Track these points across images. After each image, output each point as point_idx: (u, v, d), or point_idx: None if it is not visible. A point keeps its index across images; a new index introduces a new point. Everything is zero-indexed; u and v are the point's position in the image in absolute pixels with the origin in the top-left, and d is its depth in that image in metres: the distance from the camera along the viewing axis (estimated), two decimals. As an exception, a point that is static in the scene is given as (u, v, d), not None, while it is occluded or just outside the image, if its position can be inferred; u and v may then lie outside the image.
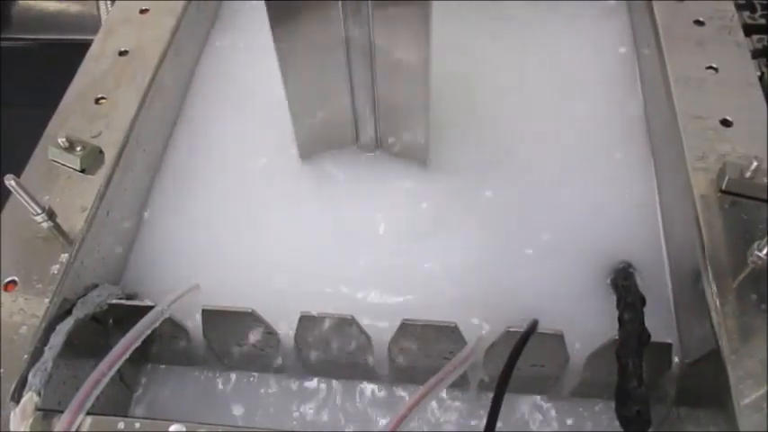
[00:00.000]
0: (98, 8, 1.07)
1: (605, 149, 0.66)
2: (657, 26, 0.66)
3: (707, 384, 0.48)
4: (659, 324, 0.54)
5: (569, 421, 0.55)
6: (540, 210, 0.62)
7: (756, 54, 0.87)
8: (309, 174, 0.66)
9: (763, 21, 0.90)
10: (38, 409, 0.45)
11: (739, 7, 0.89)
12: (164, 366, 0.59)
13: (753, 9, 0.91)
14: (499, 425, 0.45)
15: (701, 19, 0.66)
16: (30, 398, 0.44)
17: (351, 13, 0.55)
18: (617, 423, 0.46)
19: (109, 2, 1.04)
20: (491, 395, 0.46)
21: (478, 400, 0.56)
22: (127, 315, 0.52)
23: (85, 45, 0.68)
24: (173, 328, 0.54)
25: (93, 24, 1.17)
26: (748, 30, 0.89)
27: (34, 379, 0.45)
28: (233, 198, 0.65)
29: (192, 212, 0.64)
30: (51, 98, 0.65)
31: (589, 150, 0.67)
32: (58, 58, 1.12)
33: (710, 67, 0.62)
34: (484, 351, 0.52)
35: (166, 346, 0.56)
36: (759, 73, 0.84)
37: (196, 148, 0.69)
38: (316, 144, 0.66)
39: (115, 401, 0.55)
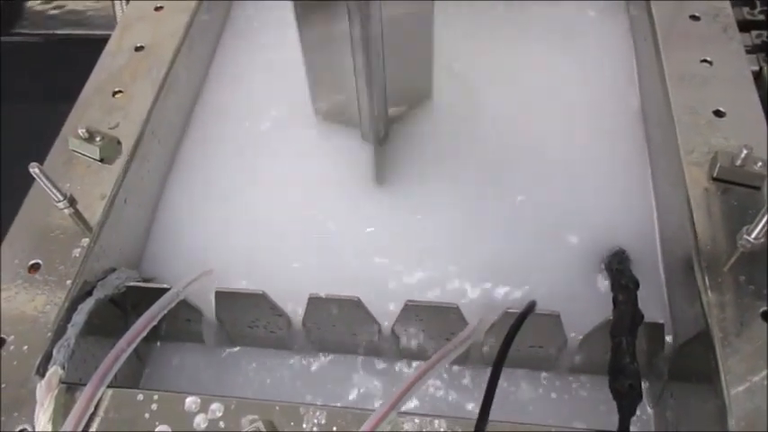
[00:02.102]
0: (113, 8, 1.09)
1: (603, 139, 0.69)
2: (654, 21, 0.68)
3: (698, 363, 0.50)
4: (652, 307, 0.57)
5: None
6: (539, 198, 0.65)
7: (756, 49, 0.88)
8: (327, 164, 0.69)
9: (762, 17, 0.92)
10: (62, 382, 0.47)
11: (739, 3, 0.91)
12: (172, 343, 0.61)
13: (752, 5, 0.92)
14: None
15: (696, 14, 0.68)
16: (54, 371, 0.47)
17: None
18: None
19: (124, 1, 1.07)
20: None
21: (480, 376, 0.58)
22: (144, 297, 0.55)
23: (92, 40, 0.71)
24: (187, 310, 0.56)
25: (99, 21, 1.20)
26: (748, 25, 0.90)
27: (58, 354, 0.48)
28: (246, 188, 0.68)
29: (207, 201, 0.67)
30: (61, 93, 0.68)
31: (587, 140, 0.69)
32: (66, 53, 1.15)
33: (705, 61, 0.64)
34: (484, 332, 0.54)
35: (180, 327, 0.59)
36: (758, 68, 0.86)
37: (210, 140, 0.72)
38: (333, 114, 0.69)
39: (127, 377, 0.57)
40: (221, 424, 0.46)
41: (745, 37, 0.88)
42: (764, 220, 0.49)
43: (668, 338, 0.55)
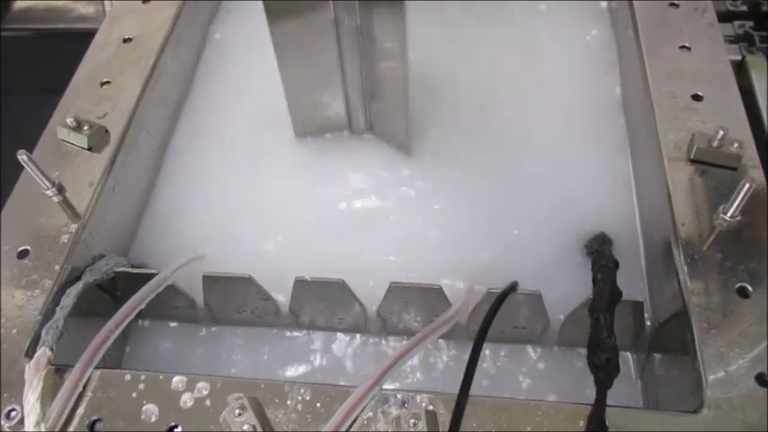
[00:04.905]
0: (104, 7, 1.10)
1: (585, 124, 0.70)
2: (634, 8, 0.70)
3: (676, 339, 0.51)
4: (633, 288, 0.58)
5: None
6: (523, 180, 0.66)
7: (738, 39, 0.90)
8: (307, 151, 0.70)
9: (744, 8, 0.93)
10: (50, 363, 0.48)
11: (723, -5, 0.92)
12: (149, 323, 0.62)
13: (735, -4, 0.94)
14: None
15: (675, 2, 0.70)
16: (43, 352, 0.47)
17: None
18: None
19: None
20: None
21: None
22: (132, 283, 0.55)
23: (80, 34, 0.71)
24: (175, 295, 0.57)
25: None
26: (730, 16, 0.92)
27: (47, 336, 0.49)
28: (234, 177, 0.69)
29: (196, 191, 0.68)
30: (51, 86, 0.69)
31: (569, 124, 0.70)
32: (55, 47, 1.16)
33: (683, 47, 0.65)
34: (468, 313, 0.55)
35: (168, 311, 0.59)
36: (740, 57, 0.88)
37: (199, 131, 0.73)
38: (311, 124, 0.70)
39: (110, 357, 0.56)
40: (207, 402, 0.46)
41: (728, 27, 0.90)
42: (740, 198, 0.51)
43: (648, 316, 0.56)
